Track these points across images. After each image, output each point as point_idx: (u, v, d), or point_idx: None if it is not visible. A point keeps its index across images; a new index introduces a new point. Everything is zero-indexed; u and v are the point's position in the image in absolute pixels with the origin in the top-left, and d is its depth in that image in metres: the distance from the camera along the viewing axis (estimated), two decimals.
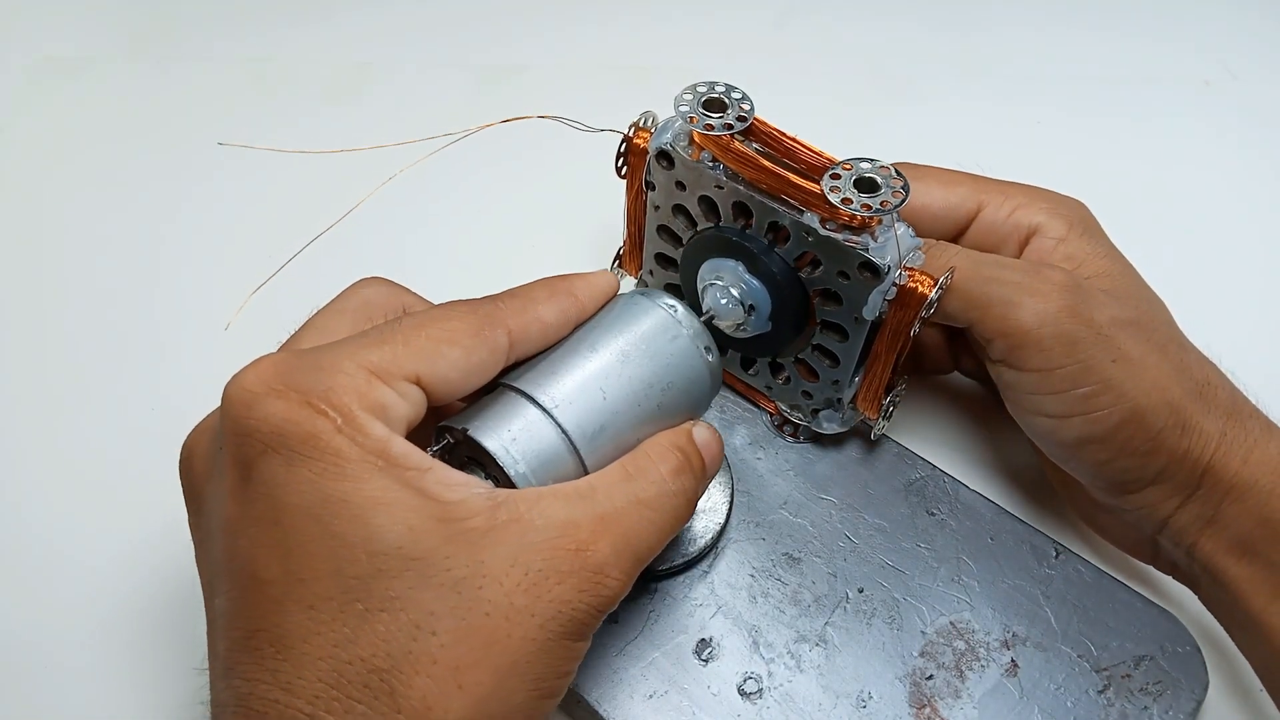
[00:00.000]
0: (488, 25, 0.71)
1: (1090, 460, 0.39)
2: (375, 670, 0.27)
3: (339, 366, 0.29)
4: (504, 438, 0.32)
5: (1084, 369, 0.37)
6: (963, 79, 0.68)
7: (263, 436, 0.28)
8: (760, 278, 0.40)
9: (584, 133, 0.40)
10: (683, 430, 0.36)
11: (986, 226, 0.42)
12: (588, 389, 0.34)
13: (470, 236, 0.58)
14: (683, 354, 0.36)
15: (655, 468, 0.33)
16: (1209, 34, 0.70)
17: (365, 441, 0.28)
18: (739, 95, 0.39)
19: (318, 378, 0.29)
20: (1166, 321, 0.41)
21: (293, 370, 0.29)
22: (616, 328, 0.36)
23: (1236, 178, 0.62)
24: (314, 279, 0.53)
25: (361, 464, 0.28)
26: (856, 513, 0.44)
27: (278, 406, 0.28)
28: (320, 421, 0.28)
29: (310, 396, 0.29)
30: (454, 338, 0.31)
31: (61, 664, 0.43)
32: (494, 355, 0.32)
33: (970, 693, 0.39)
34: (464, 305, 0.33)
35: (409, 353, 0.30)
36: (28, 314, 0.55)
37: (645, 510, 0.32)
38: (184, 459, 0.33)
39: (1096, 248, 0.41)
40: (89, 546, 0.46)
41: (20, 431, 0.50)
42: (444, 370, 0.31)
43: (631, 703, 0.39)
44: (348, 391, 0.29)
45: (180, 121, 0.65)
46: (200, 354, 0.52)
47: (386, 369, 0.30)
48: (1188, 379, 0.38)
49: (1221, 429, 0.38)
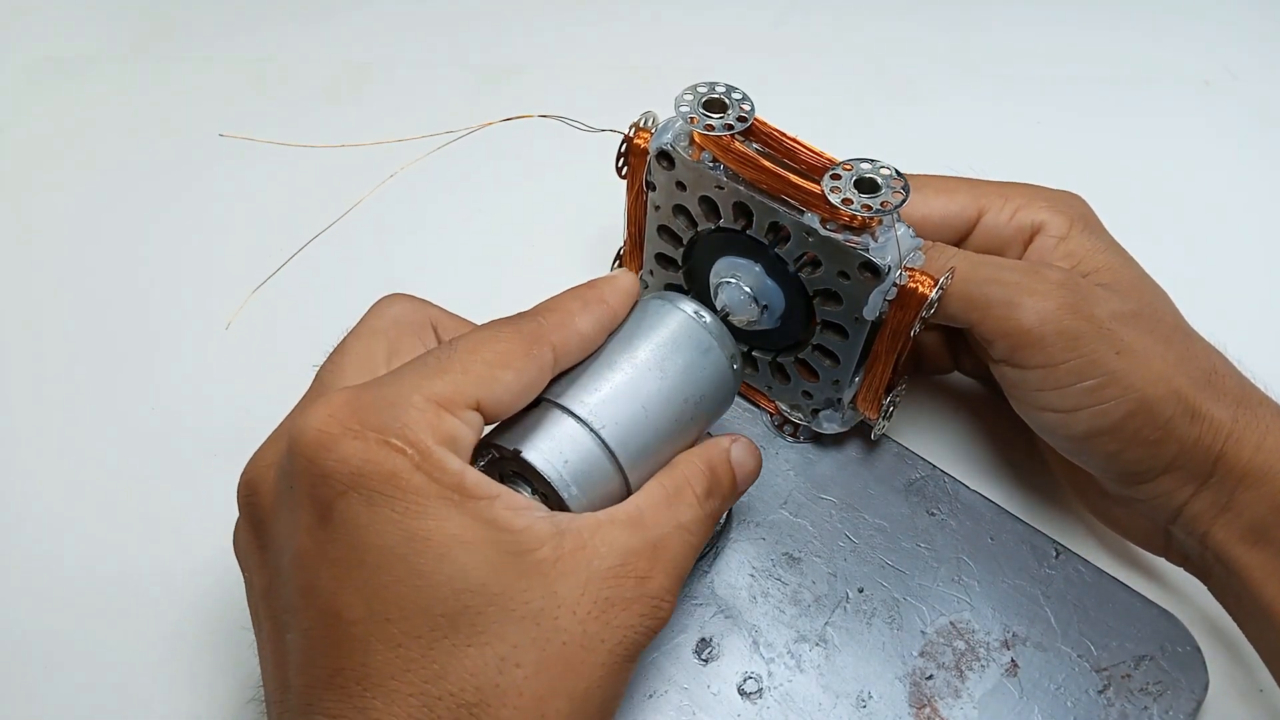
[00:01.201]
0: (488, 25, 0.71)
1: (1101, 452, 0.39)
2: (464, 705, 0.28)
3: (408, 401, 0.30)
4: (556, 461, 0.33)
5: (1088, 363, 0.37)
6: (963, 79, 0.68)
7: (342, 477, 0.29)
8: (776, 278, 0.41)
9: (584, 132, 0.40)
10: (718, 447, 0.36)
11: (989, 231, 0.42)
12: (631, 407, 0.34)
13: (470, 235, 0.58)
14: (715, 366, 0.37)
15: (691, 489, 0.34)
16: (1209, 34, 0.70)
17: (442, 476, 0.29)
18: (739, 96, 0.39)
19: (391, 414, 0.29)
20: (1171, 312, 0.41)
21: (365, 408, 0.29)
22: (653, 339, 0.36)
23: (1237, 177, 0.62)
24: (314, 278, 0.53)
25: (440, 501, 0.29)
26: (856, 512, 0.44)
27: (355, 447, 0.29)
28: (398, 459, 0.29)
29: (386, 434, 0.29)
30: (507, 360, 0.32)
31: (60, 665, 0.43)
32: (542, 374, 0.33)
33: (970, 693, 0.39)
34: (509, 326, 0.33)
35: (469, 380, 0.31)
36: (27, 313, 0.55)
37: (685, 535, 0.33)
38: (245, 494, 0.32)
39: (1097, 242, 0.41)
40: (89, 549, 0.46)
41: (18, 432, 0.50)
42: (500, 394, 0.31)
43: (631, 703, 0.39)
44: (421, 426, 0.29)
45: (180, 121, 0.65)
46: (201, 353, 0.52)
47: (451, 399, 0.30)
48: (1195, 367, 0.38)
49: (1233, 416, 0.38)
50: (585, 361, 0.35)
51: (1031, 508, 0.46)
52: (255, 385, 0.51)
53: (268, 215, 0.59)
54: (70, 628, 0.44)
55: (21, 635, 0.44)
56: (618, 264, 0.49)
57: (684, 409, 0.35)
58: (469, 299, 0.55)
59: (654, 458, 0.35)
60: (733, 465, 0.36)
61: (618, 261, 0.48)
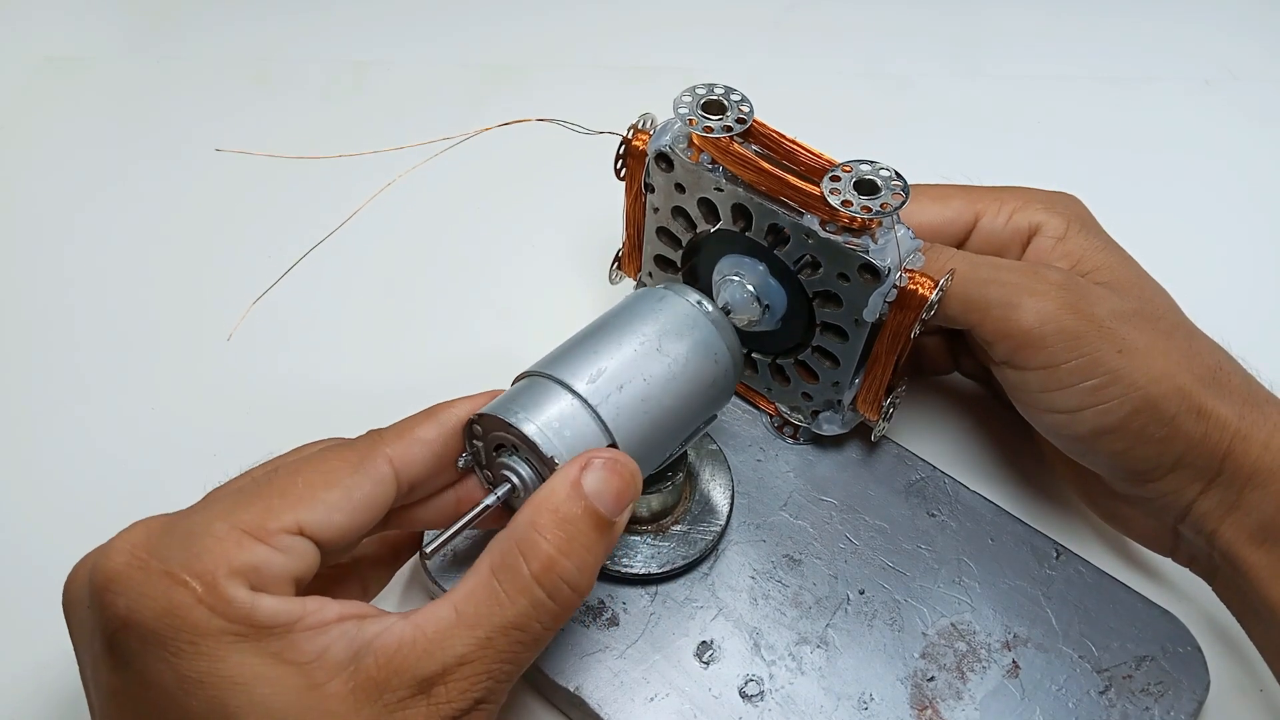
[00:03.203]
0: (487, 25, 0.71)
1: (1106, 451, 0.39)
2: None
3: (209, 530, 0.28)
4: (552, 434, 0.33)
5: (1090, 362, 0.37)
6: (962, 79, 0.68)
7: (119, 613, 0.28)
8: (779, 278, 0.41)
9: (583, 135, 0.40)
10: (562, 485, 0.31)
11: (986, 235, 0.42)
12: (631, 388, 0.34)
13: (469, 240, 0.58)
14: (716, 355, 0.37)
15: (520, 566, 0.30)
16: (1209, 34, 0.70)
17: (227, 609, 0.27)
18: (738, 97, 0.39)
19: (186, 544, 0.28)
20: (1172, 309, 0.41)
21: (162, 538, 0.28)
22: (656, 323, 0.36)
23: (1237, 177, 0.62)
24: (315, 286, 0.53)
25: (220, 638, 0.27)
26: (857, 514, 0.44)
27: (134, 582, 0.28)
28: (179, 593, 0.27)
29: (172, 565, 0.28)
30: (331, 479, 0.30)
31: (60, 664, 0.43)
32: (379, 486, 0.31)
33: (972, 694, 0.39)
34: (341, 445, 0.32)
35: (285, 504, 0.29)
36: (26, 314, 0.55)
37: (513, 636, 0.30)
38: (65, 602, 0.31)
39: (1094, 241, 0.41)
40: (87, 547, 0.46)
41: (17, 436, 0.50)
42: (326, 513, 0.30)
43: (632, 705, 0.39)
44: (215, 556, 0.28)
45: (180, 122, 0.65)
46: (202, 364, 0.52)
47: (262, 524, 0.29)
48: (1199, 365, 0.38)
49: (1239, 414, 0.37)
50: (584, 340, 0.35)
51: (1032, 509, 0.46)
52: (259, 393, 0.51)
53: (268, 221, 0.59)
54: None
55: (21, 635, 0.44)
56: (616, 265, 0.49)
57: (684, 393, 0.35)
58: (469, 300, 0.55)
59: (650, 441, 0.34)
60: (589, 501, 0.31)
61: (616, 263, 0.48)
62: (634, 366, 0.34)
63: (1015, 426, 0.49)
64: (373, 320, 0.55)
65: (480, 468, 0.35)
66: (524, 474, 0.33)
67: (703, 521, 0.42)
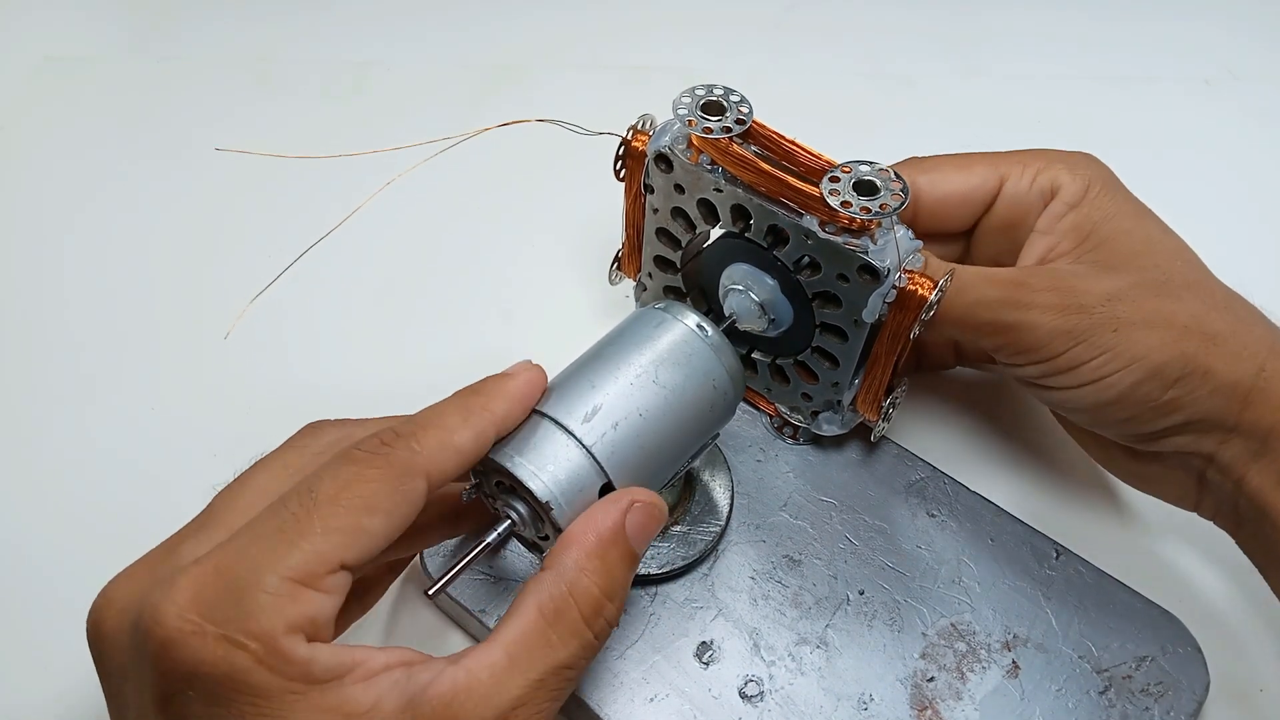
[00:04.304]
0: (487, 25, 0.71)
1: (1113, 420, 0.39)
2: None
3: (260, 584, 0.28)
4: (545, 477, 0.32)
5: (1086, 347, 0.38)
6: (962, 79, 0.68)
7: (180, 677, 0.27)
8: (788, 293, 0.41)
9: (582, 135, 0.40)
10: (611, 517, 0.32)
11: (1011, 199, 0.42)
12: (627, 423, 0.34)
13: (469, 240, 0.58)
14: (715, 381, 0.36)
15: (574, 609, 0.30)
16: (1209, 34, 0.70)
17: (287, 668, 0.27)
18: (738, 98, 0.39)
19: (238, 602, 0.27)
20: (1184, 269, 0.40)
21: (211, 599, 0.28)
22: (653, 352, 0.36)
23: (1237, 177, 0.62)
24: (312, 285, 0.53)
25: (282, 698, 0.27)
26: (857, 514, 0.44)
27: (193, 646, 0.27)
28: (239, 657, 0.27)
29: (228, 628, 0.27)
30: (374, 504, 0.29)
31: (59, 664, 0.43)
32: (414, 508, 0.30)
33: (971, 694, 0.39)
34: (378, 458, 0.30)
35: (331, 543, 0.28)
36: (25, 314, 0.55)
37: (565, 675, 0.30)
38: (93, 637, 0.30)
39: (1111, 205, 0.41)
40: (89, 547, 0.46)
41: (15, 437, 0.50)
42: (367, 545, 0.29)
43: (632, 706, 0.39)
44: (270, 614, 0.27)
45: (180, 122, 0.65)
46: (202, 363, 0.52)
47: (312, 571, 0.28)
48: (1210, 323, 0.38)
49: (1259, 365, 0.37)
50: (581, 370, 0.35)
51: (1031, 509, 0.46)
52: (255, 391, 0.51)
53: (267, 219, 0.59)
54: (69, 627, 0.44)
55: (21, 634, 0.44)
56: (616, 266, 0.49)
57: (680, 423, 0.35)
58: (468, 299, 0.55)
59: (647, 471, 0.35)
60: (629, 544, 0.32)
61: (616, 264, 0.48)
62: (629, 401, 0.34)
63: (1015, 427, 0.49)
64: (372, 320, 0.55)
65: (485, 496, 0.35)
66: (523, 512, 0.33)
67: (702, 522, 0.42)
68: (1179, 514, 0.44)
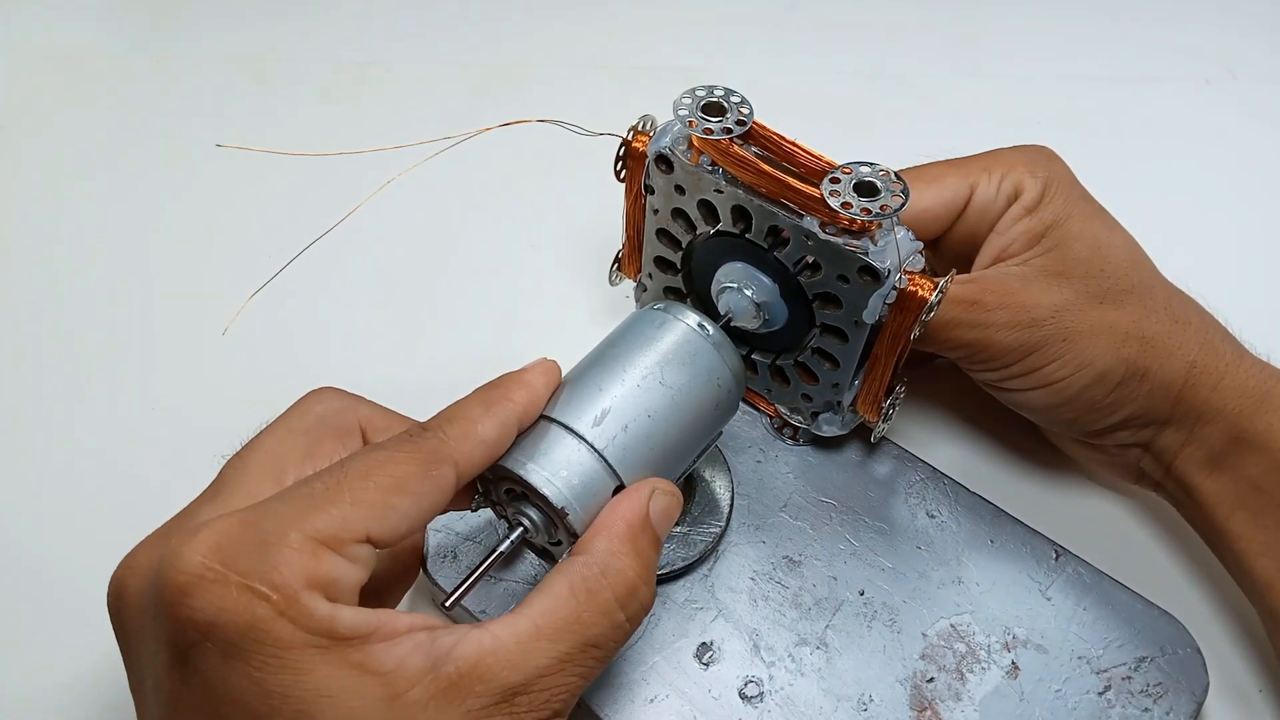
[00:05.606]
0: (487, 26, 0.71)
1: (1064, 418, 0.43)
2: None
3: (284, 540, 0.28)
4: (558, 481, 0.32)
5: (1040, 355, 0.41)
6: (963, 79, 0.68)
7: (198, 626, 0.27)
8: (781, 287, 0.41)
9: (582, 136, 0.40)
10: (635, 504, 0.33)
11: (980, 208, 0.43)
12: (635, 424, 0.34)
13: (468, 240, 0.58)
14: (718, 379, 0.37)
15: (609, 589, 0.31)
16: (1209, 34, 0.70)
17: (309, 623, 0.27)
18: (738, 99, 0.39)
19: (261, 554, 0.27)
20: (1129, 271, 0.42)
21: (233, 549, 0.27)
22: (656, 352, 0.36)
23: (1237, 177, 0.62)
24: (312, 283, 0.53)
25: (304, 652, 0.27)
26: (857, 515, 0.44)
27: (214, 594, 0.27)
28: (260, 608, 0.27)
29: (250, 579, 0.27)
30: (404, 485, 0.30)
31: (58, 664, 0.43)
32: (443, 494, 0.31)
33: (971, 695, 0.39)
34: (408, 443, 0.31)
35: (359, 513, 0.29)
36: (24, 314, 0.55)
37: (592, 655, 0.30)
38: (114, 599, 0.30)
39: (1065, 207, 0.43)
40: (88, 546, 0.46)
41: (14, 431, 0.50)
42: (395, 523, 0.29)
43: (632, 706, 0.39)
44: (293, 568, 0.27)
45: (179, 121, 0.65)
46: (198, 358, 0.52)
47: (337, 535, 0.28)
48: (1149, 326, 0.41)
49: (1190, 362, 0.41)
50: (586, 374, 0.35)
51: (1032, 509, 0.46)
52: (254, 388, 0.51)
53: (266, 217, 0.59)
54: (69, 626, 0.44)
55: (21, 634, 0.44)
56: (616, 267, 0.49)
57: (687, 422, 0.35)
58: (468, 299, 0.55)
59: (658, 474, 0.35)
60: (655, 530, 0.33)
61: (616, 265, 0.48)
62: (637, 403, 0.34)
63: (1014, 428, 0.49)
64: (371, 318, 0.55)
65: (494, 504, 0.35)
66: (536, 519, 0.33)
67: (702, 523, 0.42)
68: (1179, 515, 0.44)
